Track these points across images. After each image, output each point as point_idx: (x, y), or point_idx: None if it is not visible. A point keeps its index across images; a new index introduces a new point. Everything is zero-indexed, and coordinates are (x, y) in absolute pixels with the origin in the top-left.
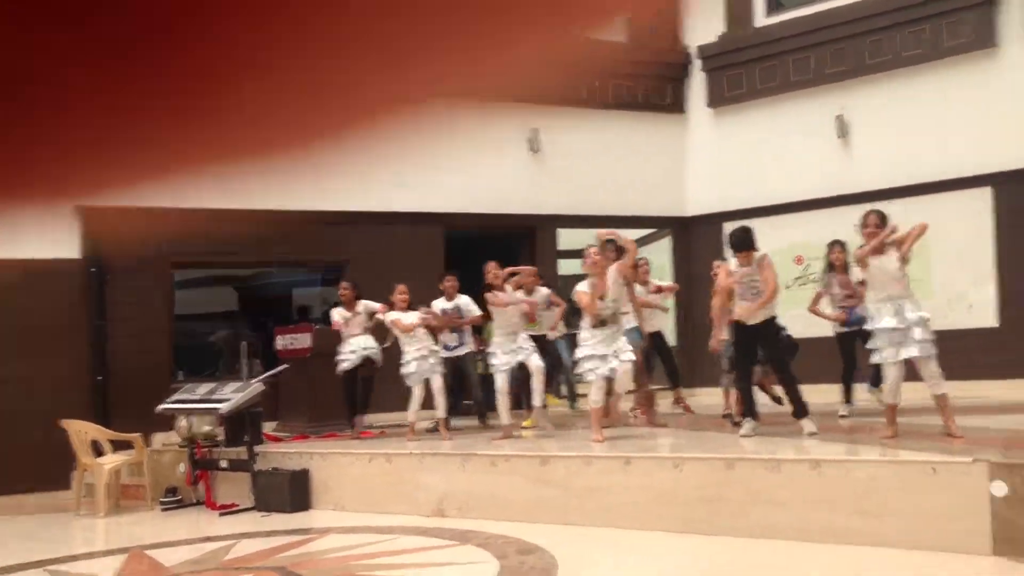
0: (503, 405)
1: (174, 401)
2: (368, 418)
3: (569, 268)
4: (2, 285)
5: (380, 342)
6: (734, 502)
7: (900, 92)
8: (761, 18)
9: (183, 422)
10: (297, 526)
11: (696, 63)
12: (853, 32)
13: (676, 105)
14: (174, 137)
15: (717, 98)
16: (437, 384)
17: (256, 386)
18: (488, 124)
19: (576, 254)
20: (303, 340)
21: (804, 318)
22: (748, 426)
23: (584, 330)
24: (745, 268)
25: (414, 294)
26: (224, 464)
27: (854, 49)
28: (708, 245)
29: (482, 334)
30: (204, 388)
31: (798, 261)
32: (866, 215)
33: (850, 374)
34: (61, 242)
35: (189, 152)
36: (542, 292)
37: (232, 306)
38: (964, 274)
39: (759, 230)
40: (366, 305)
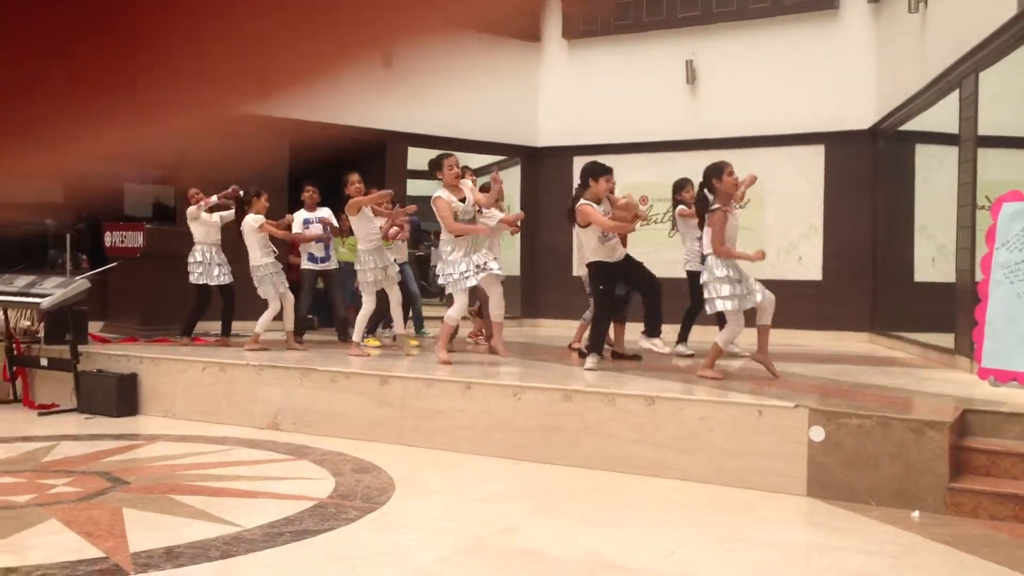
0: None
1: None
2: (204, 326)
3: (418, 188)
4: None
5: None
6: (569, 432)
7: (744, 44)
8: None
9: None
10: (124, 431)
11: None
12: None
13: (532, 33)
14: None
15: (571, 30)
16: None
17: (81, 282)
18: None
19: (425, 174)
20: (134, 239)
21: (647, 256)
22: (592, 360)
23: (445, 243)
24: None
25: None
26: (44, 362)
27: None
28: (557, 177)
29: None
30: (23, 280)
31: (643, 201)
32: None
33: (696, 314)
34: None
35: None
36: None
37: (55, 196)
38: (796, 227)
39: (595, 160)
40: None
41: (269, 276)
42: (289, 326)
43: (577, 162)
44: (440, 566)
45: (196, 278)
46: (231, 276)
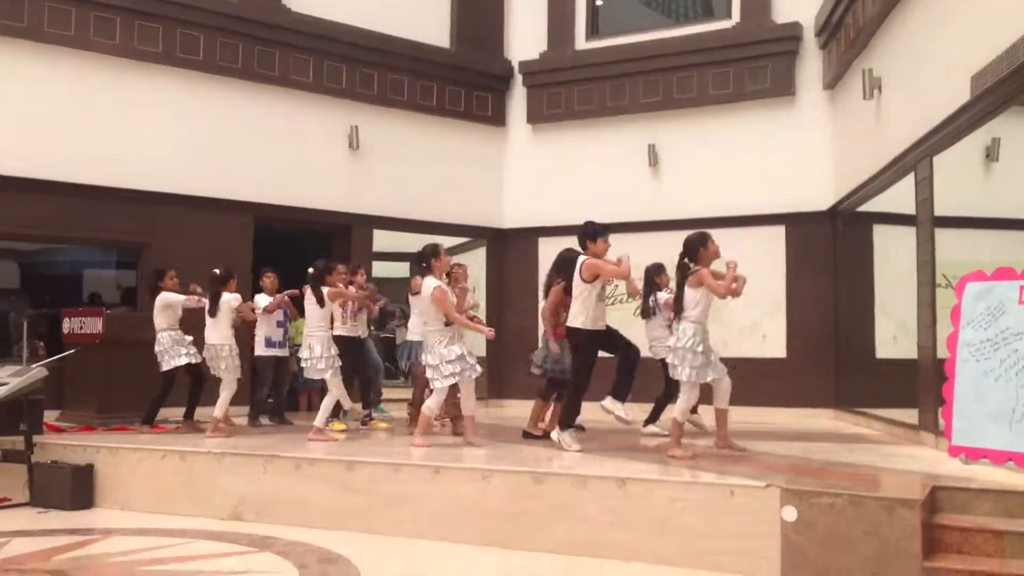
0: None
1: None
2: (164, 412)
3: (384, 270)
4: None
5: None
6: (540, 516)
7: (705, 128)
8: (581, 41)
9: None
10: (78, 525)
11: (518, 78)
12: (664, 66)
13: (497, 117)
14: None
15: (536, 114)
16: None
17: (38, 371)
18: (306, 114)
19: (393, 256)
20: (93, 324)
21: None
22: (570, 437)
23: (435, 332)
24: None
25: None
26: None
27: (665, 82)
28: (522, 258)
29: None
30: None
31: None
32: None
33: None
34: None
35: None
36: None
37: (13, 283)
38: (759, 306)
39: (570, 248)
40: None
41: (232, 357)
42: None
43: (542, 243)
44: None
45: (167, 364)
46: (198, 355)
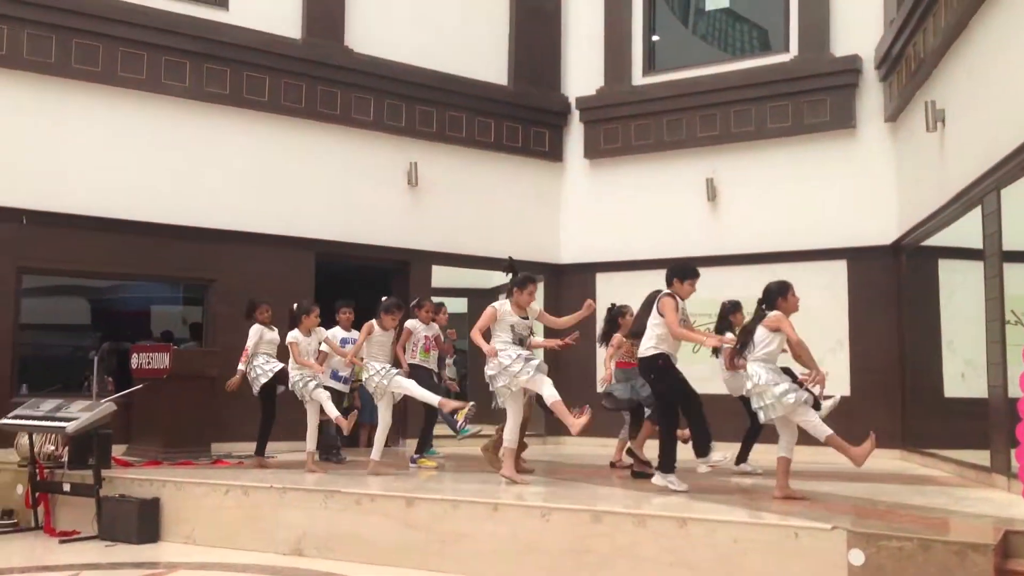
0: None
1: (15, 417)
2: (227, 447)
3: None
4: None
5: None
6: (599, 555)
7: (764, 162)
8: (638, 77)
9: (24, 440)
10: (144, 559)
11: (575, 114)
12: (722, 100)
13: (554, 153)
14: None
15: (593, 150)
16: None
17: (107, 406)
18: (365, 152)
19: (452, 292)
20: (161, 360)
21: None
22: (673, 478)
23: (503, 347)
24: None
25: (286, 320)
26: (67, 488)
27: (722, 116)
28: (580, 294)
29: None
30: (49, 404)
31: None
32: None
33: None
34: None
35: None
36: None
37: (84, 319)
38: (822, 342)
39: (628, 284)
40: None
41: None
42: (311, 446)
43: (600, 278)
44: None
45: (256, 385)
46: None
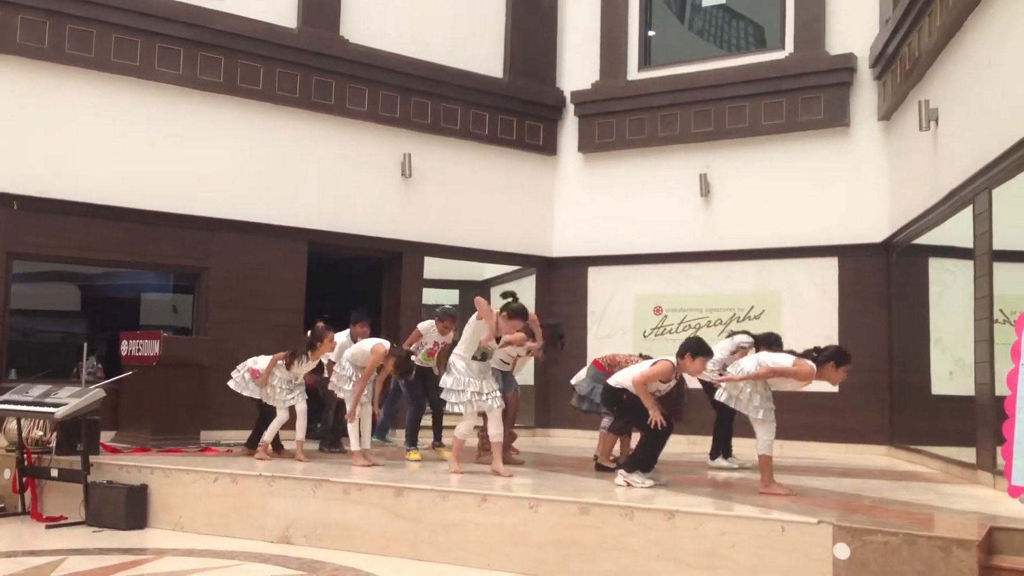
0: None
1: (4, 402)
2: (216, 435)
3: (432, 297)
4: None
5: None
6: (586, 547)
7: (757, 159)
8: (634, 72)
9: (12, 425)
10: (132, 545)
11: (570, 108)
12: (716, 96)
13: (548, 147)
14: None
15: (588, 144)
16: (301, 407)
17: (96, 392)
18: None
19: (443, 284)
20: (151, 347)
21: None
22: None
23: (460, 359)
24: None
25: (278, 310)
26: (55, 473)
27: (717, 112)
28: (571, 287)
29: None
30: (38, 390)
31: (656, 311)
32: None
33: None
34: None
35: None
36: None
37: (74, 305)
38: (811, 338)
39: (621, 278)
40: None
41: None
42: (300, 435)
43: (592, 272)
44: None
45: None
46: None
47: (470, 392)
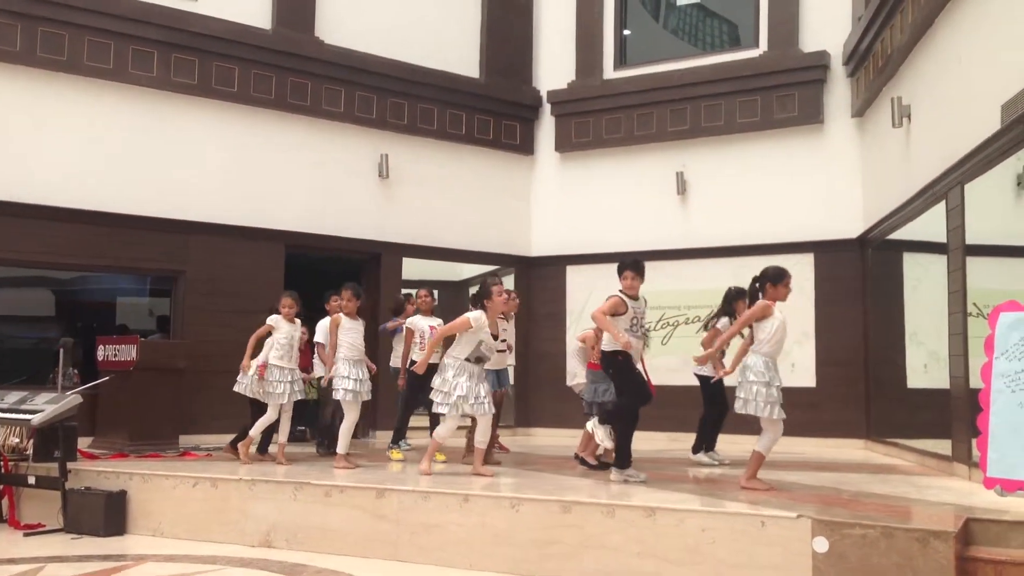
0: None
1: None
2: (195, 439)
3: None
4: None
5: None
6: (568, 545)
7: (733, 156)
8: (610, 71)
9: None
10: (111, 552)
11: (546, 107)
12: (692, 95)
13: (526, 146)
14: None
15: (564, 143)
16: (288, 409)
17: (72, 398)
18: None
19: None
20: (128, 352)
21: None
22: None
23: (454, 361)
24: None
25: (256, 313)
26: (32, 480)
27: (692, 111)
28: (550, 286)
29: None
30: (14, 396)
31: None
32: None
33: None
34: None
35: None
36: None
37: (48, 311)
38: (789, 335)
39: (599, 276)
40: None
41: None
42: (283, 438)
43: (570, 271)
44: None
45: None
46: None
47: (456, 396)
